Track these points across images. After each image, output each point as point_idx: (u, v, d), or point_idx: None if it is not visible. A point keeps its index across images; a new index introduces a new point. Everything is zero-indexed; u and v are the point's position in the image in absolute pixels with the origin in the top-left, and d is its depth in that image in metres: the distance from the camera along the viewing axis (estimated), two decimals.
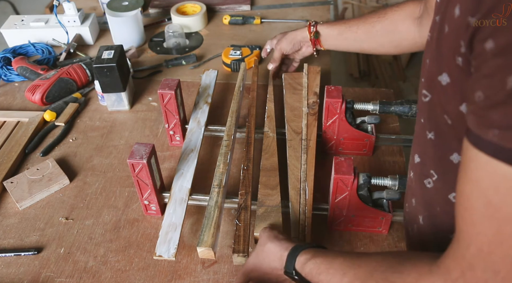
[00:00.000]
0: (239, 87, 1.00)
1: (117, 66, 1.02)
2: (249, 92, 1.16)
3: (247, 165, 0.85)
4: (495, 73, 0.31)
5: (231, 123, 0.90)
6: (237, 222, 0.75)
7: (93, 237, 0.83)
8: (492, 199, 0.33)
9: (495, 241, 0.34)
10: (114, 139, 1.04)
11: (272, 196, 0.79)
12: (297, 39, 1.05)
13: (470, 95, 0.35)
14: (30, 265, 0.78)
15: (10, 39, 1.36)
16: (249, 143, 0.90)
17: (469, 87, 0.36)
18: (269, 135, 0.92)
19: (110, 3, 1.36)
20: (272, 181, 0.82)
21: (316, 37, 1.01)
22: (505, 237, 0.33)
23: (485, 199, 0.34)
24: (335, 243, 0.80)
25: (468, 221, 0.36)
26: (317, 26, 1.01)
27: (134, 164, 0.76)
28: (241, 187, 0.81)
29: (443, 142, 0.47)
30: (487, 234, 0.34)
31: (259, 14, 1.49)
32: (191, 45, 1.36)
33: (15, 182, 0.92)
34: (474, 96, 0.34)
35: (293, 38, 1.06)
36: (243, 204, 0.78)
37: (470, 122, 0.35)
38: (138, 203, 0.88)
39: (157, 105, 1.13)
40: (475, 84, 0.34)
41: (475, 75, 0.34)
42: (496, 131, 0.32)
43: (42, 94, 1.11)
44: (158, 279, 0.76)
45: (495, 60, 0.31)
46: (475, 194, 0.35)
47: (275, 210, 0.76)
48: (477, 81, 0.34)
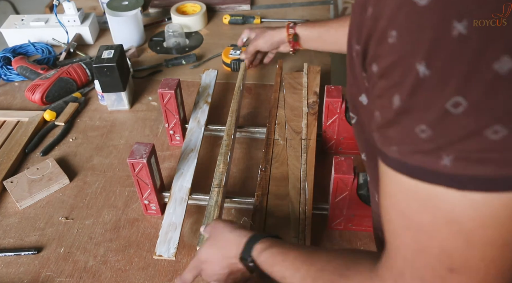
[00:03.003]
0: (239, 87, 0.99)
1: (117, 66, 1.02)
2: (249, 92, 1.16)
3: (265, 166, 0.85)
4: (383, 94, 0.33)
5: (231, 123, 0.90)
6: (252, 223, 0.75)
7: (93, 237, 0.83)
8: (405, 211, 0.35)
9: (416, 249, 0.35)
10: (114, 139, 1.04)
11: (281, 207, 0.78)
12: (275, 40, 1.03)
13: (372, 115, 0.37)
14: (30, 264, 0.78)
15: (10, 38, 1.36)
16: (268, 144, 0.90)
17: (371, 107, 0.38)
18: (280, 143, 0.91)
19: (110, 3, 1.36)
20: (282, 190, 0.81)
21: (295, 39, 1.00)
22: (422, 245, 0.35)
23: (399, 211, 0.36)
24: (335, 242, 0.80)
25: (391, 233, 0.38)
26: (296, 28, 0.99)
27: (134, 163, 0.76)
28: (258, 188, 0.81)
29: (373, 162, 0.48)
30: (408, 243, 0.36)
31: (259, 14, 1.49)
32: (191, 45, 1.36)
33: (15, 182, 0.92)
34: (375, 116, 0.36)
35: (270, 38, 1.04)
36: (259, 205, 0.78)
37: (376, 140, 0.37)
38: (138, 203, 0.88)
39: (157, 105, 1.13)
40: (373, 105, 0.36)
41: (371, 96, 0.36)
42: (394, 147, 0.33)
43: (42, 94, 1.11)
44: (158, 278, 0.76)
45: (380, 82, 0.33)
46: (392, 207, 0.37)
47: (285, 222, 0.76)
48: (373, 102, 0.36)
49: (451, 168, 0.30)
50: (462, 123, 0.29)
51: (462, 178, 0.30)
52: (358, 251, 0.48)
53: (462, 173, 0.30)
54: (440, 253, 0.34)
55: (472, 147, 0.29)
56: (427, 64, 0.29)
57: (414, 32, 0.29)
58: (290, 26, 1.00)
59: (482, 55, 0.27)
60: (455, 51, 0.28)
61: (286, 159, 0.87)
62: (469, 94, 0.28)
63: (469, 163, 0.30)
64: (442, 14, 0.28)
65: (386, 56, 0.32)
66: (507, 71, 0.27)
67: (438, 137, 0.30)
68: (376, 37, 0.32)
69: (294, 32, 0.99)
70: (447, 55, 0.28)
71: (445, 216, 0.32)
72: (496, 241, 0.32)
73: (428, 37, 0.28)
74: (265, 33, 1.05)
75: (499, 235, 0.32)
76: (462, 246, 0.32)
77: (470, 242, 0.32)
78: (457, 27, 0.27)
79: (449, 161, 0.30)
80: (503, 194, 0.30)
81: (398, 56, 0.31)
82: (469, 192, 0.31)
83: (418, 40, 0.29)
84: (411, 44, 0.30)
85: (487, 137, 0.29)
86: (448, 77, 0.28)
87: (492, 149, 0.29)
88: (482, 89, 0.28)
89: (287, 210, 0.78)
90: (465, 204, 0.31)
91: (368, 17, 0.33)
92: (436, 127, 0.30)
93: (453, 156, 0.30)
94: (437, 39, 0.28)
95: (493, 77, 0.27)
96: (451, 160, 0.30)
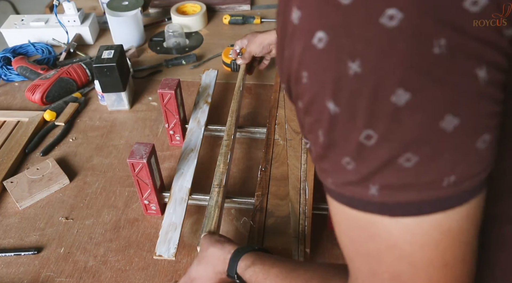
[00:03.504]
0: (239, 87, 0.99)
1: (117, 66, 1.02)
2: (249, 92, 1.16)
3: (265, 166, 0.85)
4: (311, 129, 0.34)
5: (231, 123, 0.90)
6: (252, 223, 0.75)
7: (93, 237, 0.83)
8: (352, 237, 0.36)
9: (369, 274, 0.36)
10: (114, 139, 1.04)
11: (282, 207, 0.79)
12: (265, 43, 1.03)
13: (309, 147, 0.38)
14: (30, 264, 0.78)
15: (10, 39, 1.36)
16: (268, 144, 0.90)
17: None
18: (280, 143, 0.91)
19: (110, 3, 1.36)
20: (282, 191, 0.82)
21: None
22: (373, 271, 0.35)
23: (348, 238, 0.37)
24: (335, 243, 0.80)
25: (348, 258, 0.39)
26: None
27: (134, 163, 0.76)
28: (258, 188, 0.81)
29: None
30: (362, 269, 0.37)
31: (259, 14, 1.49)
32: (191, 45, 1.36)
33: (15, 182, 0.92)
34: (311, 150, 0.37)
35: (261, 42, 1.04)
36: (259, 205, 0.78)
37: (317, 173, 0.37)
38: (138, 203, 0.88)
39: (157, 105, 1.13)
40: (306, 138, 0.37)
41: (304, 132, 0.37)
42: (330, 180, 0.34)
43: (42, 94, 1.11)
44: (158, 279, 0.76)
45: (307, 119, 0.34)
46: (342, 235, 0.38)
47: (285, 222, 0.76)
48: (305, 136, 0.37)
49: (378, 196, 0.31)
50: (377, 154, 0.30)
51: (390, 205, 0.31)
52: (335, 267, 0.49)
53: (389, 200, 0.31)
54: (391, 277, 0.34)
55: (390, 176, 0.30)
56: (335, 102, 0.30)
57: (318, 73, 0.31)
58: None
59: (379, 90, 0.28)
60: (355, 88, 0.29)
61: (286, 159, 0.87)
62: (376, 127, 0.29)
63: (392, 191, 0.31)
64: (337, 55, 0.29)
65: (304, 95, 0.33)
66: (404, 103, 0.28)
67: (361, 169, 0.31)
68: (293, 77, 0.34)
69: None
70: (349, 93, 0.29)
71: (385, 241, 0.33)
72: (437, 262, 0.32)
73: (330, 77, 0.30)
74: (256, 37, 1.05)
75: (439, 255, 0.32)
76: (408, 269, 0.33)
77: (414, 264, 0.33)
78: (352, 66, 0.28)
79: (375, 190, 0.31)
80: (431, 216, 0.31)
81: (312, 95, 0.32)
82: (400, 218, 0.31)
83: (323, 80, 0.31)
84: (318, 84, 0.31)
85: (402, 165, 0.30)
86: (355, 113, 0.30)
87: (408, 176, 0.30)
88: (387, 121, 0.29)
89: (287, 210, 0.78)
90: (399, 229, 0.32)
91: (286, 58, 0.34)
92: (357, 159, 0.31)
93: (378, 185, 0.31)
94: (338, 79, 0.29)
95: (394, 109, 0.28)
96: (377, 189, 0.31)
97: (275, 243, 0.73)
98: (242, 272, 0.58)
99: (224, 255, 0.61)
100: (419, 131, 0.29)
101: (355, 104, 0.30)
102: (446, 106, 0.28)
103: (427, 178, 0.30)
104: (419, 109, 0.28)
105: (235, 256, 0.60)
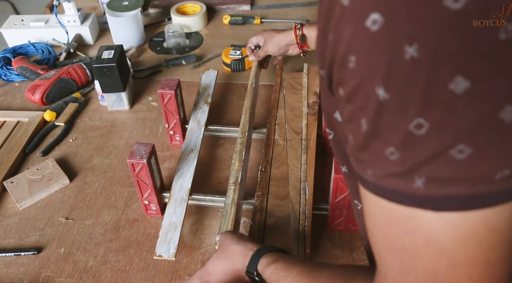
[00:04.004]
0: (252, 84, 0.99)
1: (117, 66, 1.02)
2: None
3: (265, 166, 0.85)
4: (351, 118, 0.33)
5: (245, 121, 0.90)
6: (252, 223, 0.75)
7: (93, 237, 0.83)
8: (387, 232, 0.35)
9: (402, 272, 0.35)
10: (114, 139, 1.04)
11: (282, 207, 0.79)
12: (283, 43, 1.02)
13: (346, 138, 0.36)
14: (30, 265, 0.78)
15: (10, 39, 1.36)
16: (268, 144, 0.90)
17: (344, 130, 0.37)
18: (280, 143, 0.91)
19: (110, 3, 1.36)
20: (282, 191, 0.82)
21: (303, 40, 1.00)
22: (407, 268, 0.34)
23: (382, 233, 0.36)
24: (335, 243, 0.80)
25: (378, 255, 0.38)
26: (303, 29, 0.99)
27: (134, 163, 0.76)
28: (258, 188, 0.81)
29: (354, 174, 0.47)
30: (394, 265, 0.36)
31: (259, 14, 1.49)
32: (191, 45, 1.36)
33: (15, 182, 0.92)
34: (348, 139, 0.35)
35: (278, 42, 1.03)
36: (259, 205, 0.78)
37: (352, 164, 0.36)
38: (138, 203, 0.88)
39: (157, 105, 1.13)
40: (344, 128, 0.36)
41: (342, 120, 0.36)
42: (369, 171, 0.33)
43: (42, 94, 1.11)
44: (158, 279, 0.76)
45: (348, 106, 0.33)
46: (375, 229, 0.37)
47: (285, 222, 0.76)
48: (345, 125, 0.36)
49: (424, 190, 0.30)
50: (427, 144, 0.29)
51: (436, 199, 0.30)
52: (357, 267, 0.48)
53: (435, 194, 0.30)
54: (426, 274, 0.33)
55: (440, 168, 0.29)
56: (386, 88, 0.29)
57: (370, 57, 0.30)
58: (297, 27, 0.99)
59: (436, 77, 0.27)
60: (410, 74, 0.28)
61: (286, 159, 0.87)
62: (429, 115, 0.28)
63: (440, 184, 0.30)
64: (393, 39, 0.28)
65: (349, 81, 0.32)
66: (463, 91, 0.27)
67: (406, 160, 0.30)
68: (338, 62, 0.33)
69: (301, 33, 0.99)
70: (403, 79, 0.28)
71: (424, 237, 0.32)
72: (478, 259, 0.32)
73: (383, 61, 0.29)
74: (273, 37, 1.04)
75: (481, 253, 0.31)
76: (446, 266, 0.32)
77: (453, 262, 0.32)
78: (409, 51, 0.27)
79: (421, 183, 0.30)
80: (478, 211, 0.30)
81: (358, 81, 0.31)
82: (445, 212, 0.31)
83: (374, 65, 0.29)
84: (368, 68, 0.30)
85: (453, 157, 0.29)
86: (407, 100, 0.29)
87: (459, 168, 0.29)
88: (442, 110, 0.28)
89: (287, 210, 0.78)
90: (443, 224, 0.31)
91: (329, 42, 0.33)
92: (403, 149, 0.30)
93: (424, 178, 0.30)
94: (392, 63, 0.28)
95: (451, 98, 0.27)
96: (423, 182, 0.30)
97: (275, 243, 0.73)
98: (263, 269, 0.57)
99: (246, 252, 0.61)
100: (475, 121, 0.27)
101: (408, 91, 0.28)
102: (508, 96, 0.27)
103: (480, 171, 0.29)
104: (478, 98, 0.27)
105: (257, 254, 0.59)
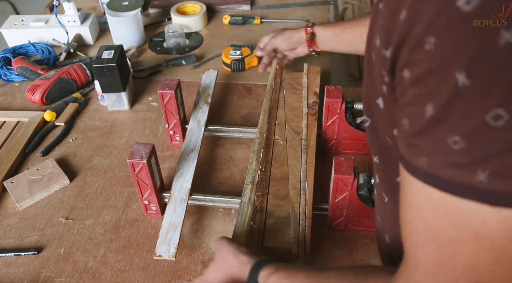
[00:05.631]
0: (271, 85, 1.02)
1: (117, 66, 1.02)
2: (250, 92, 1.16)
3: (265, 166, 0.85)
4: (414, 101, 0.32)
5: (263, 121, 0.91)
6: (252, 223, 0.75)
7: (93, 237, 0.83)
8: (430, 223, 0.34)
9: (439, 263, 0.34)
10: (114, 139, 1.04)
11: (282, 207, 0.79)
12: (294, 39, 1.04)
13: (398, 122, 0.35)
14: (30, 265, 0.78)
15: (10, 39, 1.36)
16: (268, 144, 0.90)
17: (396, 114, 0.36)
18: (280, 143, 0.91)
19: (110, 3, 1.36)
20: (282, 191, 0.82)
21: (312, 38, 1.01)
22: (446, 259, 0.34)
23: (424, 223, 0.35)
24: (335, 243, 0.80)
25: (413, 245, 0.37)
26: (314, 28, 1.01)
27: (134, 163, 0.76)
28: (258, 188, 0.81)
29: (387, 165, 0.47)
30: (431, 256, 0.35)
31: (259, 14, 1.49)
32: (191, 45, 1.36)
33: (15, 182, 0.92)
34: (401, 123, 0.34)
35: (290, 37, 1.05)
36: (259, 205, 0.78)
37: (401, 149, 0.35)
38: (138, 203, 0.88)
39: (157, 105, 1.13)
40: (401, 112, 0.35)
41: (400, 103, 0.35)
42: (424, 159, 0.32)
43: (42, 94, 1.11)
44: (158, 279, 0.76)
45: (412, 89, 0.32)
46: (415, 219, 0.36)
47: (285, 222, 0.76)
48: (402, 109, 0.35)
49: (486, 183, 0.29)
50: (502, 137, 0.28)
51: (497, 194, 0.29)
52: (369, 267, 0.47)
53: (498, 189, 0.29)
54: (466, 267, 0.33)
55: (510, 163, 0.28)
56: (468, 74, 0.28)
57: (455, 40, 0.28)
58: (308, 26, 1.01)
59: None
60: (501, 61, 0.27)
61: (286, 159, 0.87)
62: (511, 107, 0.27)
63: (506, 179, 0.29)
64: (488, 22, 0.26)
65: (422, 63, 0.31)
66: None
67: (473, 151, 0.29)
68: (411, 43, 0.31)
69: (311, 31, 1.01)
70: (491, 65, 0.27)
71: (474, 231, 0.31)
72: None
73: (471, 45, 0.27)
74: (284, 31, 1.07)
75: None
76: (492, 261, 0.32)
77: (501, 258, 0.31)
78: (504, 35, 0.26)
79: (484, 177, 0.29)
80: None
81: (435, 64, 0.30)
82: (504, 208, 0.30)
83: (459, 48, 0.28)
84: (451, 52, 0.28)
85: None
86: (491, 89, 0.27)
87: None
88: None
89: (287, 210, 0.78)
90: (498, 220, 0.30)
91: (401, 21, 0.32)
92: (472, 140, 0.29)
93: (489, 171, 0.29)
94: (482, 48, 0.27)
95: None
96: (487, 175, 0.29)
97: (275, 243, 0.73)
98: (264, 280, 0.56)
99: (245, 266, 0.60)
100: None
101: (495, 78, 0.27)
102: None
103: None
104: None
105: (257, 267, 0.59)
